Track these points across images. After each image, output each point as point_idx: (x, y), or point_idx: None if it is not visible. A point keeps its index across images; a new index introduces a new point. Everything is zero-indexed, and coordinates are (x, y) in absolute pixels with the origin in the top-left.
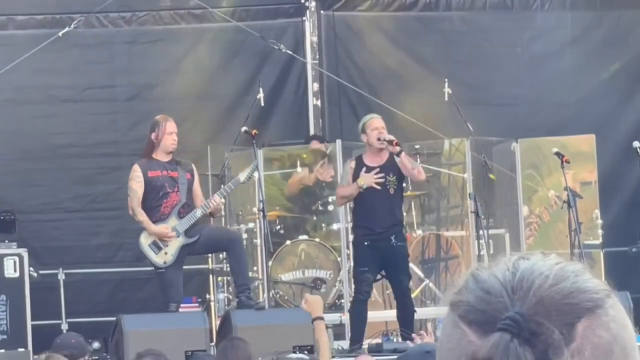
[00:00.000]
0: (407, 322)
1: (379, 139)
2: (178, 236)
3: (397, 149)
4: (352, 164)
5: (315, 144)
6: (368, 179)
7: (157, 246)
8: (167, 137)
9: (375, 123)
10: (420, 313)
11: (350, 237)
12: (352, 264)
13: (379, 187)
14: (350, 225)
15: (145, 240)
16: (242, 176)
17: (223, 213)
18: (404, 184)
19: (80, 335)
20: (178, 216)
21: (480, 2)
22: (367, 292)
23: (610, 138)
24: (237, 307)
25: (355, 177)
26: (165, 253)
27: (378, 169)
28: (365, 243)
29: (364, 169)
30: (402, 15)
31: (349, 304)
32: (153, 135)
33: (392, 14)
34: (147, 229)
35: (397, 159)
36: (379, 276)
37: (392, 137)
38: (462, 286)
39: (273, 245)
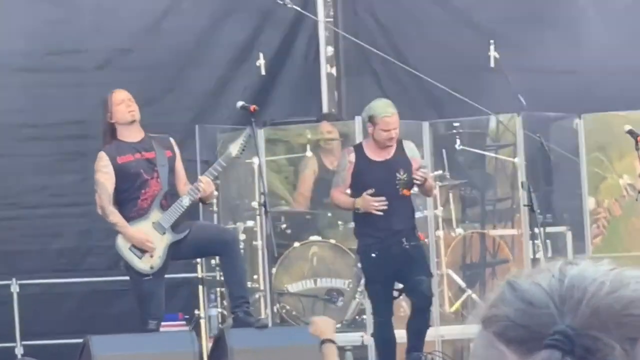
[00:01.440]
0: (419, 334)
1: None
2: (163, 233)
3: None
4: (352, 156)
5: (325, 126)
6: (367, 206)
7: (139, 249)
8: (118, 108)
9: (388, 123)
10: (462, 331)
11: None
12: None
13: (378, 213)
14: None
15: (124, 243)
16: (234, 149)
17: (215, 208)
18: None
19: None
20: (161, 208)
21: None
22: (387, 311)
23: None
24: (233, 325)
25: (356, 173)
26: (151, 256)
27: (383, 199)
28: (373, 255)
29: (365, 192)
30: None
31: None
32: (106, 116)
33: None
34: (122, 233)
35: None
36: (395, 292)
37: (427, 174)
38: (496, 298)
39: (278, 248)
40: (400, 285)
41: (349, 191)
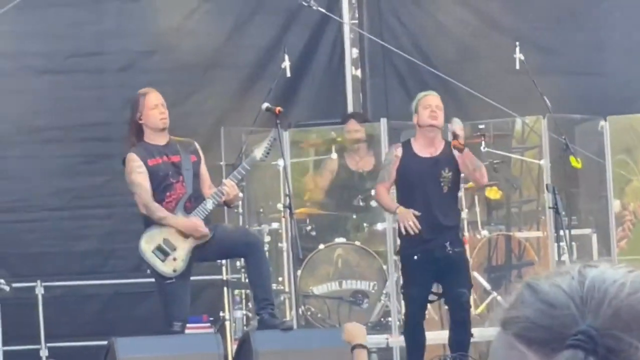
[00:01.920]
0: (463, 346)
1: (433, 117)
2: (187, 237)
3: (460, 147)
4: (399, 151)
5: (352, 125)
6: (405, 218)
7: (162, 251)
8: (151, 113)
9: (429, 100)
10: (486, 334)
11: (398, 240)
12: (399, 279)
13: (412, 232)
14: (394, 227)
15: (147, 245)
16: (259, 153)
17: (240, 210)
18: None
19: None
20: (185, 211)
21: None
22: (421, 314)
23: None
24: (258, 328)
25: (403, 167)
26: (174, 259)
27: (418, 226)
28: (415, 257)
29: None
30: None
31: (400, 324)
32: (136, 116)
33: None
34: (172, 225)
35: (456, 153)
36: (433, 297)
37: (459, 133)
38: (516, 300)
39: (303, 250)
40: (437, 289)
41: (393, 189)
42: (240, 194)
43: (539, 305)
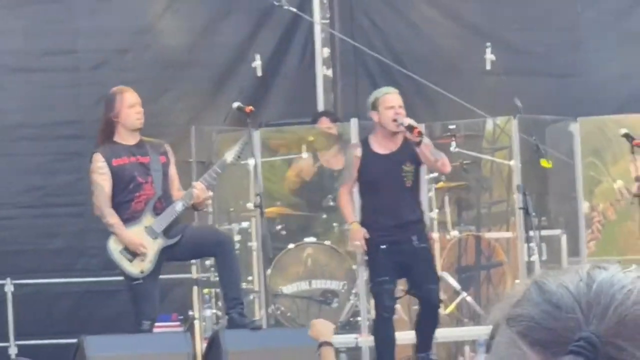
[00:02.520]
0: (430, 336)
1: (395, 121)
2: (155, 238)
3: (418, 139)
4: (358, 151)
5: (324, 122)
6: (355, 237)
7: (130, 252)
8: (128, 112)
9: (390, 100)
10: (456, 334)
11: None
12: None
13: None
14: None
15: (115, 246)
16: (229, 156)
17: (210, 209)
18: (427, 174)
19: None
20: (154, 213)
21: None
22: (392, 308)
23: None
24: (227, 327)
25: (364, 167)
26: (142, 260)
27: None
28: (382, 247)
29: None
30: None
31: (370, 324)
32: (111, 114)
33: None
34: (118, 235)
35: (416, 149)
36: (400, 292)
37: (412, 122)
38: (522, 297)
39: (273, 249)
40: (407, 284)
41: (356, 189)
42: (210, 193)
43: (545, 306)
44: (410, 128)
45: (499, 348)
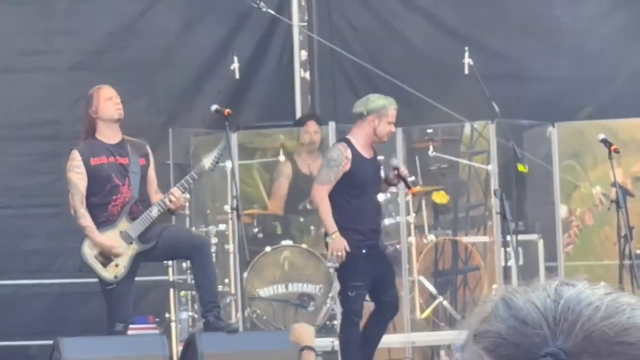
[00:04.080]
0: (377, 342)
1: (392, 165)
2: (130, 243)
3: (407, 190)
4: (348, 152)
5: (312, 126)
6: (337, 249)
7: (105, 257)
8: (106, 104)
9: (394, 114)
10: (432, 338)
11: None
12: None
13: (332, 266)
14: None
15: (89, 250)
16: (207, 162)
17: (187, 212)
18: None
19: None
20: (129, 217)
21: None
22: (361, 312)
23: None
24: (203, 329)
25: (355, 169)
26: (116, 265)
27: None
28: (363, 251)
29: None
30: None
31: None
32: (90, 110)
33: None
34: (90, 238)
35: (384, 185)
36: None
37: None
38: (489, 313)
39: (249, 252)
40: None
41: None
42: (187, 196)
43: (511, 322)
44: (405, 180)
45: None
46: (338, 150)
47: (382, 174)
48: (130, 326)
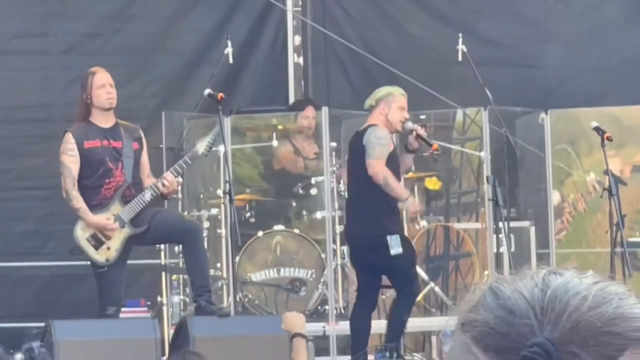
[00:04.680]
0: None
1: (402, 122)
2: (123, 226)
3: (430, 151)
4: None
5: (310, 111)
6: (414, 213)
7: (97, 239)
8: (98, 92)
9: (403, 101)
10: (423, 324)
11: (338, 228)
12: (337, 267)
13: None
14: (333, 216)
15: (82, 233)
16: (201, 147)
17: (180, 195)
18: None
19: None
20: (122, 200)
21: None
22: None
23: None
24: (195, 313)
25: (392, 153)
26: (108, 248)
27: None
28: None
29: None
30: None
31: (336, 312)
32: (84, 95)
33: None
34: (83, 218)
35: (408, 155)
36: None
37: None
38: (477, 302)
39: (242, 236)
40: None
41: None
42: (180, 180)
43: (499, 312)
44: (422, 138)
45: (454, 353)
46: (382, 131)
47: (407, 148)
48: (122, 309)
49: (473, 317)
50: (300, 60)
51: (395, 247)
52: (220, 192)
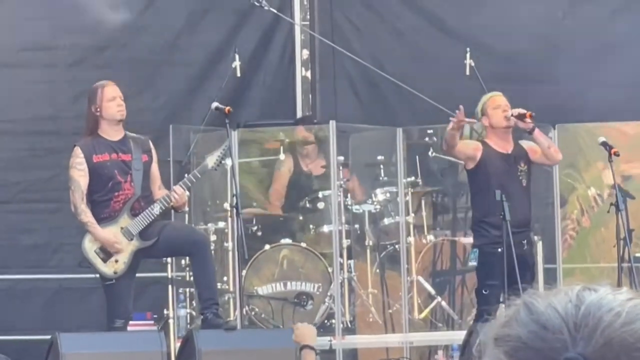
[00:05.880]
0: None
1: (505, 117)
2: (131, 239)
3: (531, 124)
4: (480, 146)
5: (300, 131)
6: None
7: (105, 252)
8: (109, 104)
9: (497, 100)
10: (430, 338)
11: (345, 242)
12: (344, 281)
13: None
14: (339, 230)
15: (90, 245)
16: (211, 161)
17: (187, 208)
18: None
19: (7, 358)
20: (131, 213)
21: None
22: (495, 311)
23: None
24: (201, 327)
25: (482, 163)
26: (116, 261)
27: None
28: (499, 250)
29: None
30: None
31: (342, 326)
32: (93, 108)
33: None
34: (91, 232)
35: (529, 137)
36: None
37: (521, 110)
38: (511, 317)
39: (248, 250)
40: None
41: None
42: (187, 193)
43: (532, 327)
44: (521, 116)
45: None
46: (471, 142)
47: (522, 165)
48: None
49: (506, 331)
50: (308, 74)
51: (472, 259)
52: (227, 205)
